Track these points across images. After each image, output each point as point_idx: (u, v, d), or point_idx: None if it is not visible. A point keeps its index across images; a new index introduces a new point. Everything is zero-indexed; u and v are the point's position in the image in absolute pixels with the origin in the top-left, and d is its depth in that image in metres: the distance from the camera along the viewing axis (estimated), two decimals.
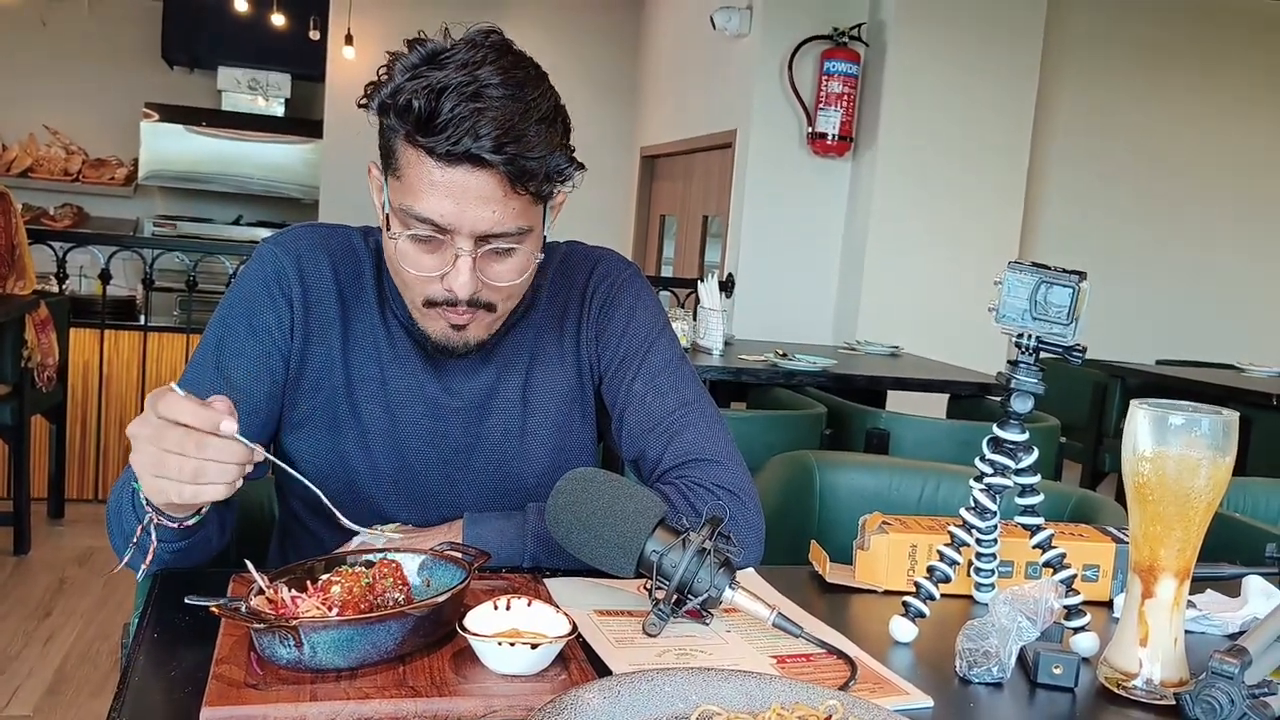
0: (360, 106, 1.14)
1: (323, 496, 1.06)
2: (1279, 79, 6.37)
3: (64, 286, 4.63)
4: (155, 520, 1.01)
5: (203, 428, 0.92)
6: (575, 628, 0.92)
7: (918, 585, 1.12)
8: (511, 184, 1.09)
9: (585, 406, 1.35)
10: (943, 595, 1.14)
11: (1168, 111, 6.26)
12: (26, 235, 3.97)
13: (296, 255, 1.25)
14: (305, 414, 1.26)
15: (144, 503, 1.01)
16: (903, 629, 1.10)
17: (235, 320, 1.24)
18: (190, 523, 1.03)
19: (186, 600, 0.92)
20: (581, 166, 1.15)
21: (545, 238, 1.20)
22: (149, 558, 1.03)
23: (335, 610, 0.91)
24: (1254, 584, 1.24)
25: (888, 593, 1.22)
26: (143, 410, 0.95)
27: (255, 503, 1.49)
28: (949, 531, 1.16)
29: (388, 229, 1.16)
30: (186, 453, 0.92)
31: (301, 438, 1.27)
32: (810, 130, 5.07)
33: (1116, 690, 1.00)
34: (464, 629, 0.90)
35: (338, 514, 1.08)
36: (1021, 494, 1.13)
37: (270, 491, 1.46)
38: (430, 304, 1.17)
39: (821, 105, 5.01)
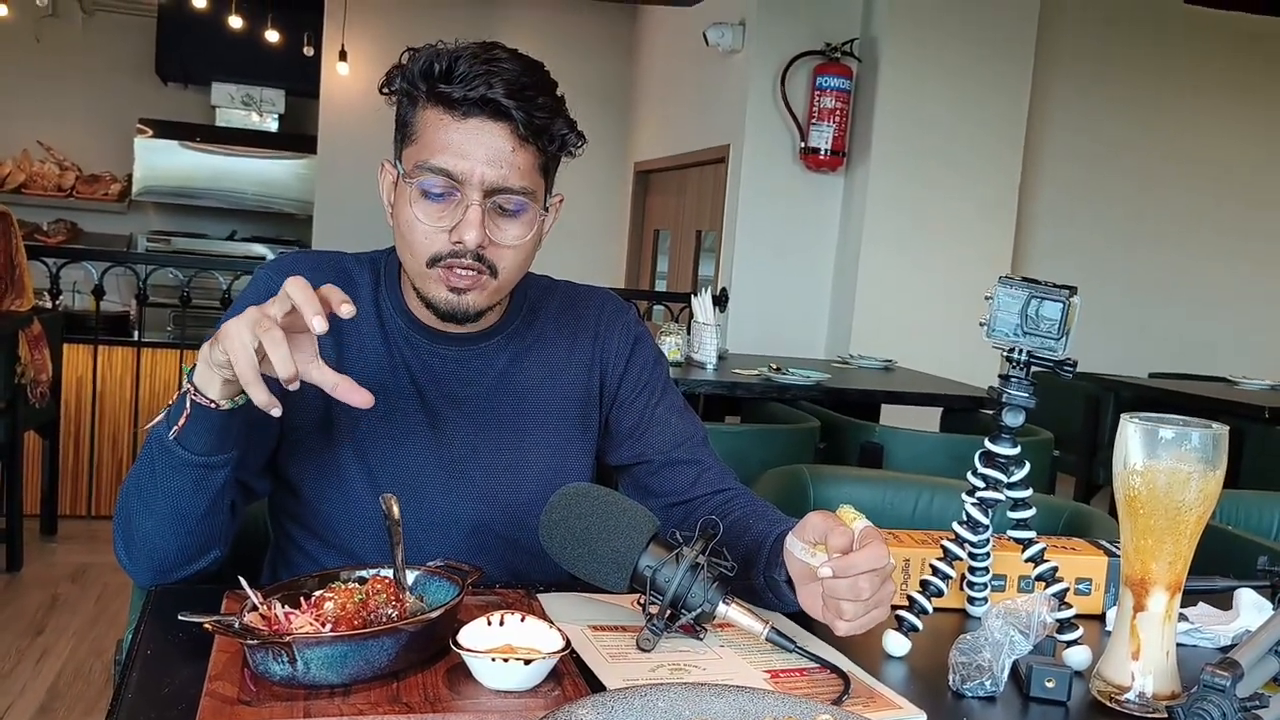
0: (382, 91, 1.23)
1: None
2: (1267, 93, 6.41)
3: (57, 302, 4.62)
4: (193, 395, 1.04)
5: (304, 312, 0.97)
6: (569, 643, 0.92)
7: (911, 599, 1.13)
8: (520, 139, 1.17)
9: (587, 426, 1.37)
10: (936, 609, 1.14)
11: (1158, 126, 6.29)
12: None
13: (290, 275, 1.26)
14: (302, 431, 1.26)
15: (189, 380, 1.05)
16: (896, 643, 1.10)
17: None
18: (224, 405, 1.04)
19: (180, 617, 0.92)
20: (582, 137, 1.23)
21: (544, 220, 1.25)
22: (181, 423, 1.06)
23: (329, 626, 0.91)
24: (1246, 597, 1.25)
25: None
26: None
27: (249, 521, 1.48)
28: (942, 546, 1.16)
29: (402, 196, 1.21)
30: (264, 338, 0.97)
31: (299, 455, 1.27)
32: (803, 145, 5.09)
33: (1109, 703, 1.00)
34: (458, 645, 0.90)
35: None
36: (1014, 508, 1.14)
37: (264, 510, 1.46)
38: (434, 262, 1.19)
39: (814, 120, 5.03)
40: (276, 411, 0.99)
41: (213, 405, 1.04)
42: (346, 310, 0.99)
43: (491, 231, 1.18)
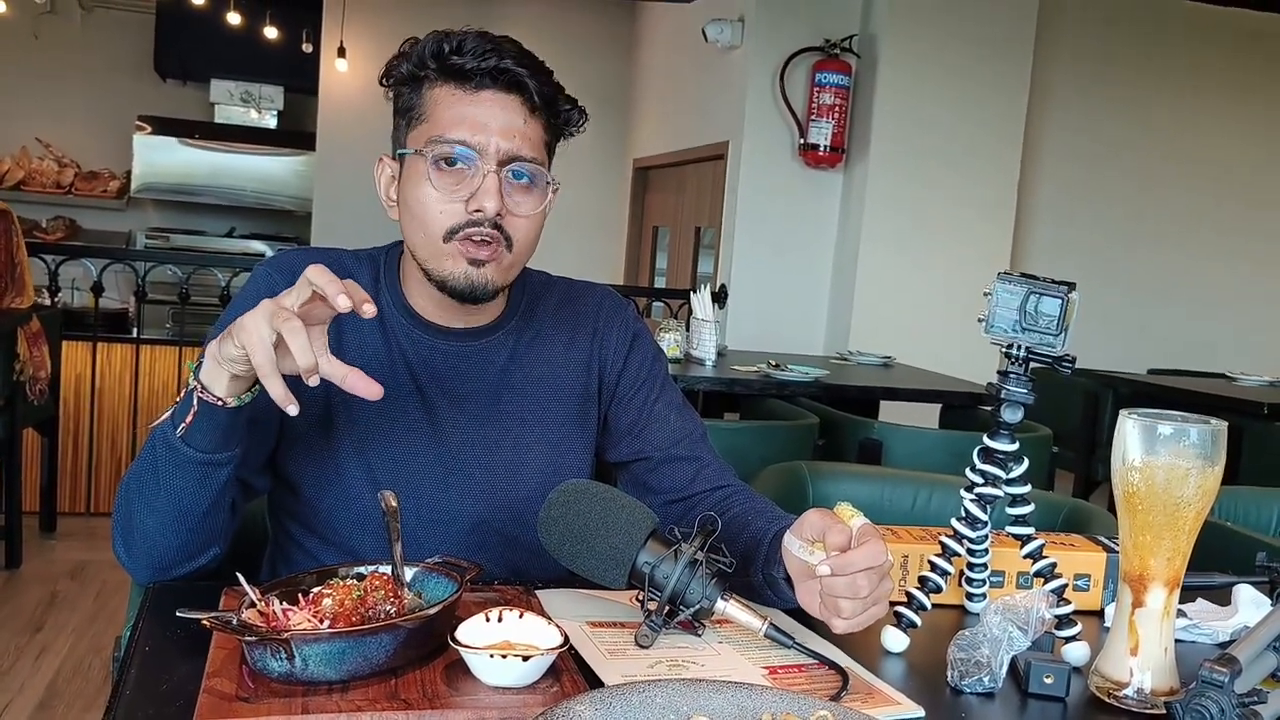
0: (382, 83, 1.25)
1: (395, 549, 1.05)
2: (1267, 93, 6.41)
3: (56, 299, 4.61)
4: (200, 393, 1.04)
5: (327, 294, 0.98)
6: (567, 639, 0.92)
7: (910, 595, 1.13)
8: (531, 109, 1.21)
9: (586, 423, 1.37)
10: (934, 605, 1.14)
11: (1158, 126, 6.29)
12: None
13: (290, 273, 1.27)
14: (302, 428, 1.26)
15: (196, 377, 1.05)
16: (895, 639, 1.10)
17: None
18: (230, 403, 1.04)
19: (178, 613, 0.92)
20: (584, 114, 1.27)
21: (549, 195, 1.25)
22: (188, 420, 1.06)
23: (327, 623, 0.91)
24: (1244, 593, 1.25)
25: None
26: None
27: (249, 518, 1.48)
28: (940, 542, 1.16)
29: (413, 175, 1.21)
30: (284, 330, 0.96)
31: (298, 452, 1.27)
32: (802, 141, 5.09)
33: (1107, 699, 1.00)
34: (456, 641, 0.90)
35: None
36: (1012, 504, 1.14)
37: (263, 508, 1.46)
38: (452, 235, 1.20)
39: (813, 116, 5.03)
40: (294, 409, 0.98)
41: (220, 403, 1.04)
42: (368, 310, 0.99)
43: (507, 202, 1.20)
